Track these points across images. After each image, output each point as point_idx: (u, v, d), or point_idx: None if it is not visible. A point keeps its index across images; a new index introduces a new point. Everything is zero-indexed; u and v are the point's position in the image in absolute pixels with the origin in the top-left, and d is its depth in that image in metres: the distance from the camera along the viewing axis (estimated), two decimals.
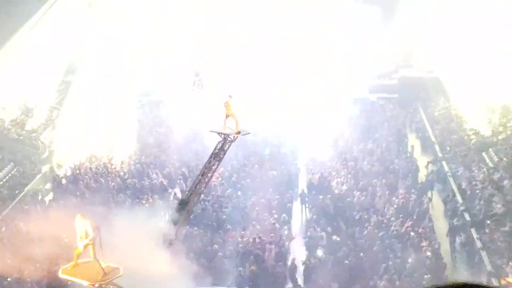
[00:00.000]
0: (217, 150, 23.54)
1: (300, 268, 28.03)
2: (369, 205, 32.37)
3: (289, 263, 28.33)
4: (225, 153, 23.85)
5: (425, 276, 25.51)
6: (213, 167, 23.88)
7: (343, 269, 26.99)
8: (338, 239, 29.15)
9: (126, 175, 37.55)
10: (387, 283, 25.41)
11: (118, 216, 24.88)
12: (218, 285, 26.47)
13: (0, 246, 29.43)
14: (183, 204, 24.77)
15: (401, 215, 31.02)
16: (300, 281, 27.55)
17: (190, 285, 24.91)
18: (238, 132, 23.31)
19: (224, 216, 31.90)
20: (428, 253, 27.43)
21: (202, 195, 26.87)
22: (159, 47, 51.60)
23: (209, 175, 24.15)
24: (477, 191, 32.77)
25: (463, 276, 26.06)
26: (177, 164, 39.38)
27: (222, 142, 23.34)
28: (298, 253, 30.05)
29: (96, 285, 20.07)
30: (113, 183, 36.37)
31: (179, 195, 35.07)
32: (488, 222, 30.08)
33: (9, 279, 26.73)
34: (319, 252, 28.29)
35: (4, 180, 36.97)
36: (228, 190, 34.46)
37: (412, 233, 29.16)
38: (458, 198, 33.12)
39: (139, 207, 30.44)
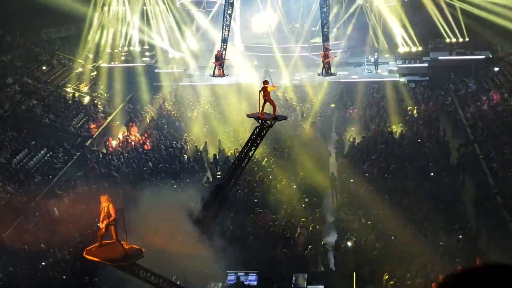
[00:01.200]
0: (254, 136, 23.46)
1: (331, 252, 28.03)
2: (400, 188, 32.23)
3: (320, 247, 28.33)
4: (262, 139, 23.80)
5: (457, 259, 25.39)
6: (250, 153, 23.82)
7: (374, 253, 26.93)
8: (369, 222, 29.09)
9: (157, 160, 37.73)
10: (418, 266, 25.33)
11: (150, 200, 25.11)
12: (249, 269, 26.57)
13: (34, 231, 29.83)
14: (219, 189, 24.83)
15: (432, 198, 30.84)
16: (331, 264, 27.58)
17: (222, 268, 25.12)
18: (275, 118, 23.23)
19: (255, 200, 31.99)
20: (460, 236, 27.31)
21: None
22: None
23: (246, 160, 24.11)
24: (510, 173, 32.49)
25: (495, 259, 25.85)
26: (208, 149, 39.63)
27: (260, 128, 23.25)
28: (329, 236, 30.09)
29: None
30: (145, 168, 36.61)
31: (211, 179, 35.34)
32: None
33: (43, 263, 27.08)
34: (350, 236, 28.25)
35: (37, 165, 37.36)
36: (259, 174, 34.46)
37: (444, 216, 29.03)
38: (491, 180, 32.87)
39: (171, 191, 30.61)
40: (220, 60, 37.99)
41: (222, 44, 39.99)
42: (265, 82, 22.74)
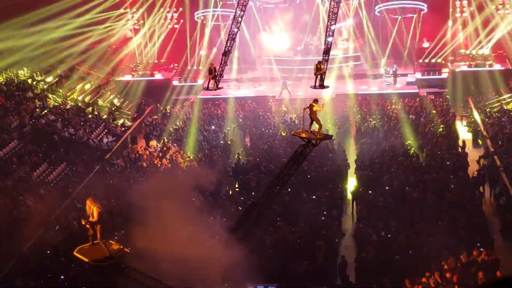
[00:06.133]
0: (297, 154, 23.05)
1: (350, 265, 27.86)
2: (420, 200, 32.00)
3: (339, 260, 28.17)
4: (305, 158, 23.42)
5: (479, 271, 25.17)
6: (290, 172, 23.40)
7: (394, 266, 26.75)
8: (388, 235, 28.92)
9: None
10: (439, 279, 25.14)
11: (176, 212, 25.01)
12: (268, 282, 26.41)
13: (54, 244, 29.89)
14: (254, 207, 24.39)
15: (453, 211, 30.61)
16: (350, 278, 27.38)
17: (240, 281, 25.01)
18: (320, 137, 22.89)
19: (274, 213, 31.86)
20: (481, 249, 27.08)
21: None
22: None
23: (285, 179, 23.72)
24: None
25: None
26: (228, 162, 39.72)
27: (304, 146, 22.85)
28: (348, 249, 29.92)
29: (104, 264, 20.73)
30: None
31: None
32: None
33: (62, 277, 27.12)
34: (370, 249, 28.06)
35: (57, 179, 37.51)
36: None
37: (464, 229, 28.80)
38: (511, 192, 32.62)
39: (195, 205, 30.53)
40: (213, 73, 36.78)
41: (223, 57, 38.83)
42: (315, 101, 22.38)
